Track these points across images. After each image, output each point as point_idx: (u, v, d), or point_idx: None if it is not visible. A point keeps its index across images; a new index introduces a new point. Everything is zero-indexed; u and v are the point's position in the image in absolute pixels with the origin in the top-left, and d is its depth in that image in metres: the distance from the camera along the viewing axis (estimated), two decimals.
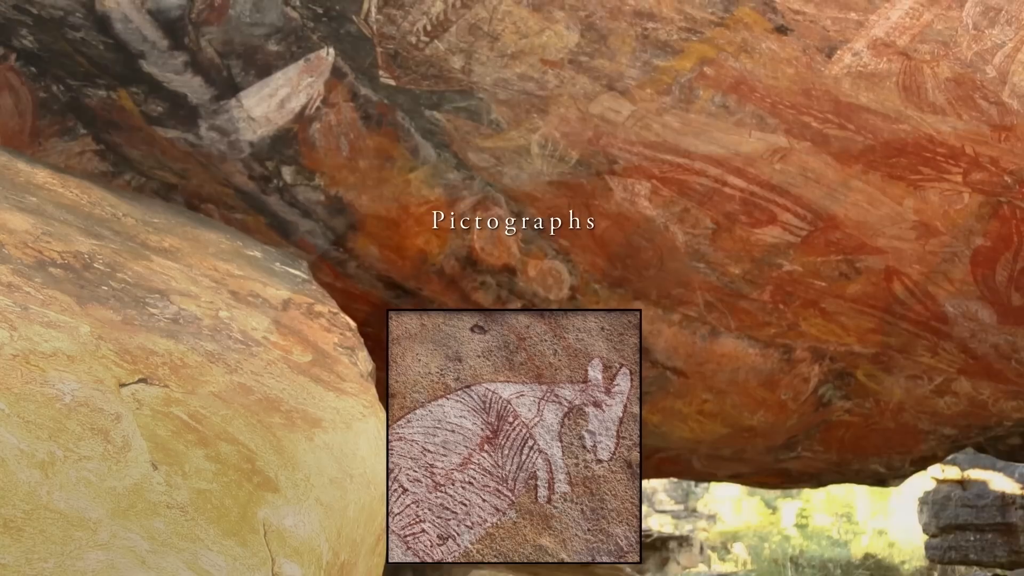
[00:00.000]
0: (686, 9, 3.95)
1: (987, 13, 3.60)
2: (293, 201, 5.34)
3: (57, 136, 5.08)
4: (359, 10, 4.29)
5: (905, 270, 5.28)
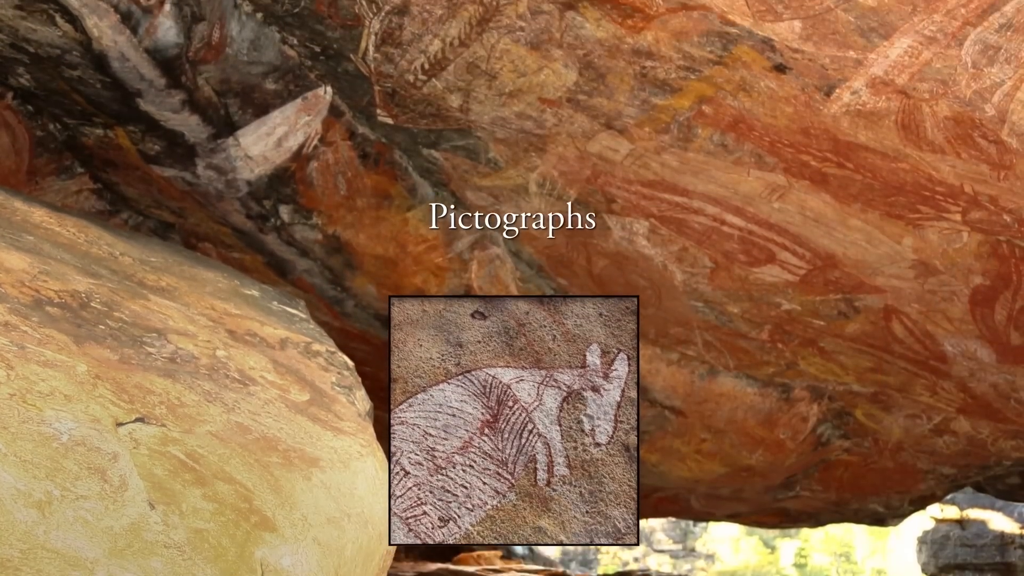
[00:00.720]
0: (684, 47, 3.94)
1: (986, 52, 3.57)
2: (291, 240, 5.31)
3: (54, 174, 5.08)
4: (357, 49, 4.28)
5: (904, 309, 5.24)
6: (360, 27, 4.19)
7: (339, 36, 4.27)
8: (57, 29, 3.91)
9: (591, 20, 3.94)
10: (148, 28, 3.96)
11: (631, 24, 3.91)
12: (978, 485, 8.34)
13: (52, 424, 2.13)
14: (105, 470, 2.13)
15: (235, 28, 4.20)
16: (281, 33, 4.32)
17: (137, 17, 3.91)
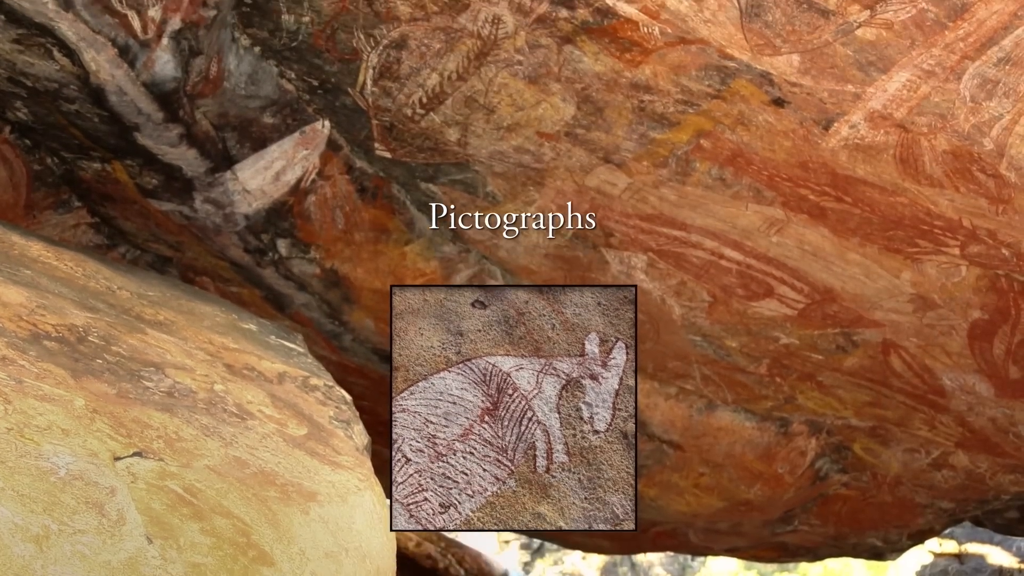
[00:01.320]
0: (683, 81, 3.94)
1: (984, 86, 3.57)
2: (288, 274, 5.28)
3: (52, 209, 5.05)
4: (355, 83, 4.27)
5: (902, 343, 5.21)
6: (358, 61, 4.18)
7: (337, 70, 4.26)
8: (55, 63, 3.89)
9: (589, 54, 3.95)
10: (146, 62, 3.94)
11: (629, 58, 3.91)
12: (977, 519, 8.26)
13: (50, 458, 2.12)
14: (103, 504, 2.10)
15: (233, 62, 4.19)
16: (279, 67, 4.31)
17: (135, 51, 3.88)
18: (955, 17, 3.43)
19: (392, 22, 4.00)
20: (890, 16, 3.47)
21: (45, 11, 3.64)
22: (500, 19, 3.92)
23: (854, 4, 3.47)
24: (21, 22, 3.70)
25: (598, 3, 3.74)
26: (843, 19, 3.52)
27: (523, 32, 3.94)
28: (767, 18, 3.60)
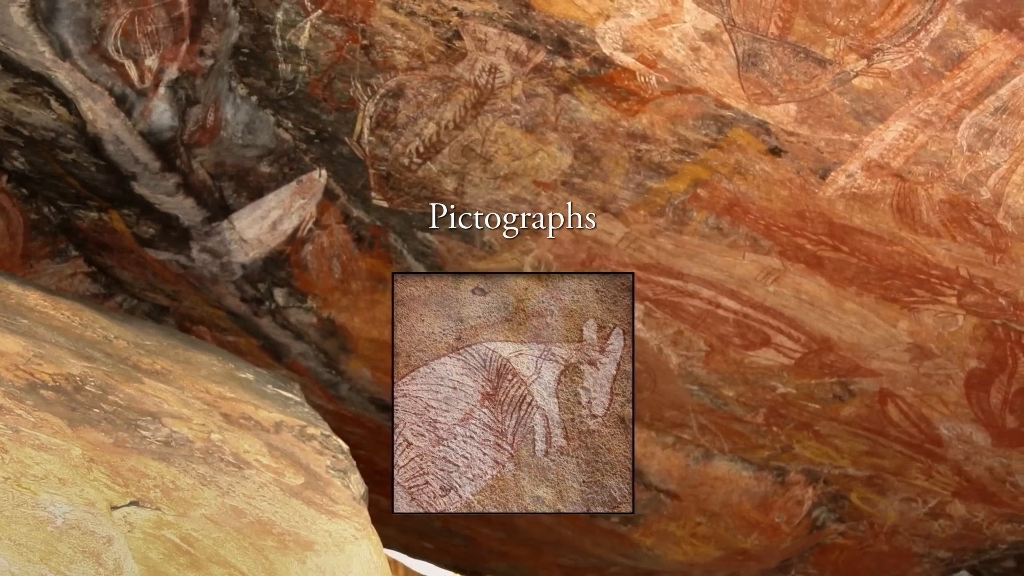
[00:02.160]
0: (680, 131, 3.91)
1: (981, 135, 3.54)
2: (285, 323, 5.21)
3: (48, 258, 5.01)
4: (352, 132, 4.25)
5: (899, 392, 5.15)
6: (355, 110, 4.17)
7: (334, 119, 4.24)
8: (52, 112, 3.88)
9: (586, 103, 3.93)
10: (143, 111, 3.92)
11: (626, 107, 3.89)
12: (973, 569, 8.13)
13: (47, 508, 2.11)
14: (100, 554, 2.10)
15: (230, 111, 4.17)
16: (276, 116, 4.30)
17: (132, 100, 3.87)
18: (952, 66, 3.40)
19: (389, 71, 3.99)
20: (887, 65, 3.44)
21: (42, 60, 3.63)
22: (497, 68, 3.90)
23: (851, 53, 3.44)
24: (18, 71, 3.69)
25: (595, 52, 3.72)
26: (840, 68, 3.50)
27: (520, 81, 3.93)
28: (764, 67, 3.57)
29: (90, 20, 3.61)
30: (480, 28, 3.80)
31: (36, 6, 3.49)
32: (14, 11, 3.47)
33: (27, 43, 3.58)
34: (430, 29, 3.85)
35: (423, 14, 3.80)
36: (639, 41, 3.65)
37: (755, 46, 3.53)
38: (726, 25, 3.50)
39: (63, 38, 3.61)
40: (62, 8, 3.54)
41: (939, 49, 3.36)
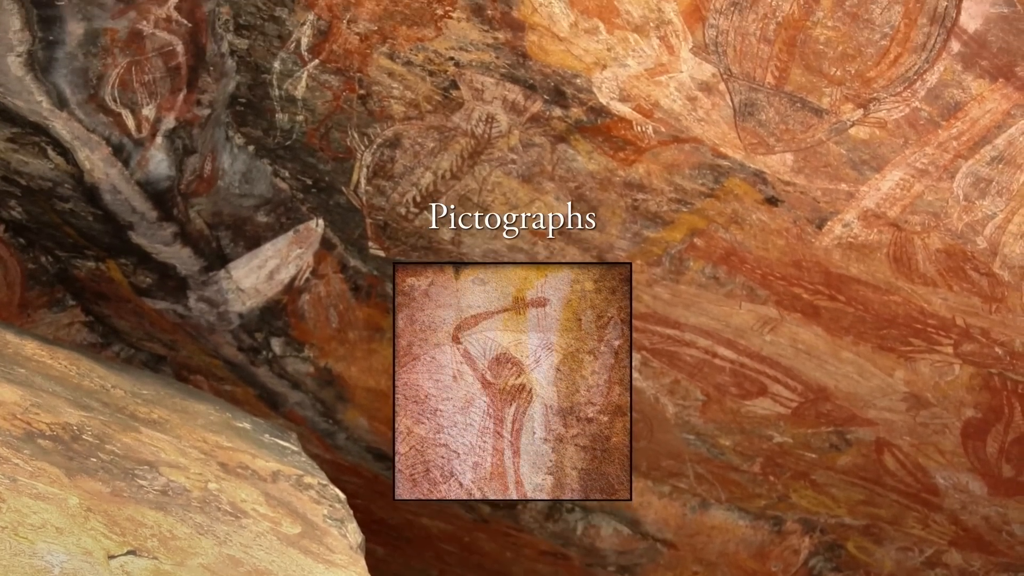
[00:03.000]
0: (676, 180, 3.88)
1: (977, 184, 3.49)
2: (282, 373, 5.19)
3: (46, 307, 5.00)
4: (348, 181, 4.24)
5: (896, 442, 5.10)
6: (352, 160, 4.16)
7: (331, 169, 4.23)
8: (49, 162, 3.86)
9: (583, 153, 3.90)
10: (140, 161, 3.90)
11: (623, 157, 3.86)
12: None
13: (44, 557, 2.08)
14: None
15: (227, 161, 4.16)
16: (273, 166, 4.28)
17: (129, 150, 3.85)
18: (948, 116, 3.35)
19: (386, 121, 3.98)
20: (883, 115, 3.40)
21: (39, 110, 3.62)
22: (494, 118, 3.88)
23: (847, 103, 3.40)
24: (16, 121, 3.68)
25: (592, 102, 3.70)
26: (836, 118, 3.45)
27: (517, 131, 3.91)
28: (760, 117, 3.54)
29: (87, 70, 3.60)
30: (477, 78, 3.79)
31: (33, 56, 3.48)
32: (11, 61, 3.46)
33: (24, 93, 3.57)
34: (427, 79, 3.84)
35: (420, 64, 3.79)
36: (636, 91, 3.62)
37: (752, 96, 3.50)
38: (723, 75, 3.47)
39: (60, 88, 3.60)
40: (59, 58, 3.53)
41: (935, 99, 3.31)
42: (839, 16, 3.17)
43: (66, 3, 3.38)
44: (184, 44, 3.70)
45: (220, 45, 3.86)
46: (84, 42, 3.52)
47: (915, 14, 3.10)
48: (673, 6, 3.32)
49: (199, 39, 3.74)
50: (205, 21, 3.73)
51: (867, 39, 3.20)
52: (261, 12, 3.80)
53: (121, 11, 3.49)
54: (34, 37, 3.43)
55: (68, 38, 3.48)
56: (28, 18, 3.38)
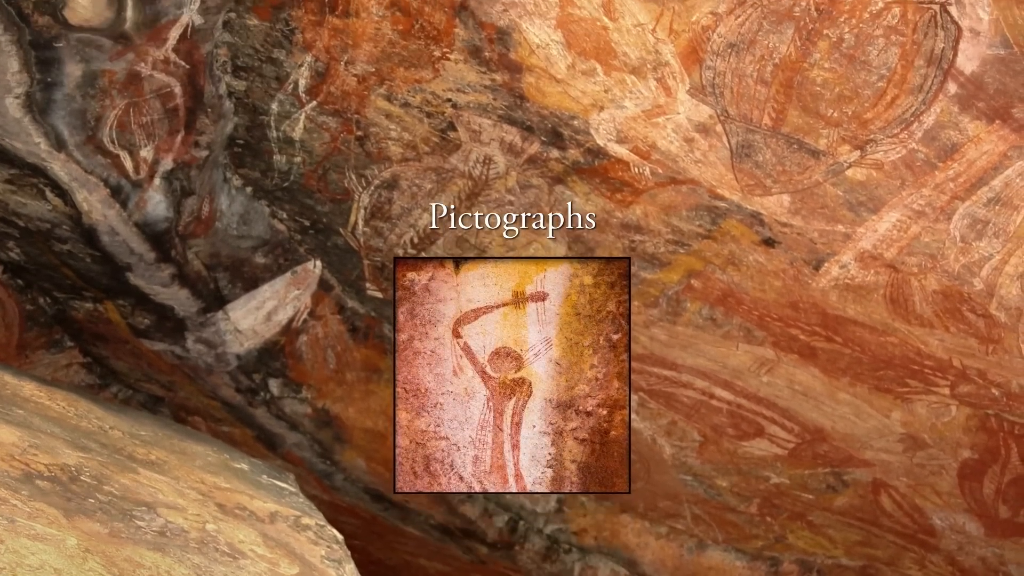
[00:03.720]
0: (673, 221, 3.86)
1: (974, 226, 3.46)
2: (280, 414, 5.14)
3: (44, 348, 4.98)
4: (346, 223, 4.23)
5: (892, 483, 5.05)
6: (349, 201, 4.15)
7: (328, 210, 4.22)
8: (47, 203, 3.84)
9: (580, 194, 3.88)
10: (138, 202, 3.88)
11: (620, 198, 3.84)
12: None
13: None
14: None
15: (225, 202, 4.15)
16: (271, 207, 4.28)
17: (127, 191, 3.83)
18: (945, 157, 3.31)
19: (383, 162, 3.96)
20: (880, 156, 3.37)
21: (38, 152, 3.59)
22: (491, 159, 3.87)
23: (844, 144, 3.37)
24: (14, 162, 3.65)
25: (589, 143, 3.68)
26: (833, 159, 3.42)
27: (514, 172, 3.90)
28: (758, 158, 3.51)
29: (85, 111, 3.58)
30: (474, 119, 3.78)
31: (32, 98, 3.46)
32: (9, 103, 3.43)
33: (23, 134, 3.55)
34: (424, 120, 3.83)
35: (417, 105, 3.78)
36: (633, 132, 3.60)
37: (749, 137, 3.48)
38: (720, 116, 3.44)
39: (59, 129, 3.58)
40: (57, 100, 3.51)
41: (932, 140, 3.28)
42: (836, 58, 3.15)
43: (64, 45, 3.36)
44: (182, 86, 3.69)
45: (218, 87, 3.85)
46: (82, 84, 3.50)
47: (912, 56, 3.07)
48: (670, 48, 3.31)
49: (197, 81, 3.73)
50: (203, 63, 3.72)
51: (864, 81, 3.17)
52: (259, 54, 3.81)
53: (119, 53, 3.46)
54: (32, 79, 3.41)
55: (66, 80, 3.47)
56: (26, 60, 3.36)
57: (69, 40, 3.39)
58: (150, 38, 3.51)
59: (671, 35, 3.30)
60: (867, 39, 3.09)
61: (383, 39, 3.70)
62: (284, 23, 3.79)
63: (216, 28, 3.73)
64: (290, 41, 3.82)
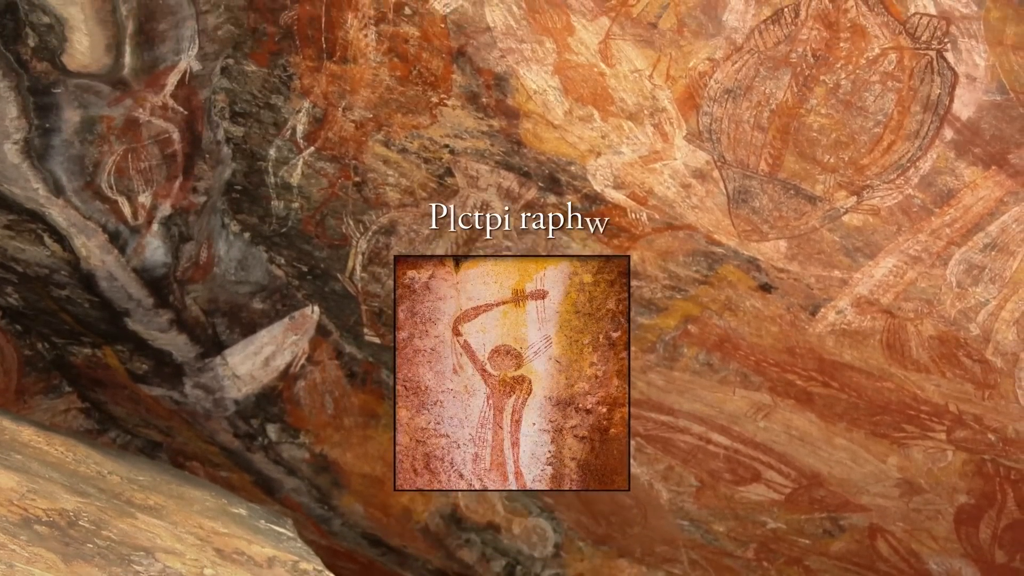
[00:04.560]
0: (670, 267, 3.81)
1: (971, 271, 3.41)
2: (278, 459, 5.10)
3: (42, 394, 4.93)
4: (344, 268, 4.20)
5: (889, 528, 4.97)
6: (347, 247, 4.12)
7: (326, 256, 4.19)
8: (45, 249, 3.81)
9: (577, 240, 3.84)
10: (136, 248, 3.85)
11: (617, 244, 3.80)
12: None
13: None
14: None
15: (223, 248, 4.13)
16: (268, 253, 4.26)
17: (125, 237, 3.81)
18: (941, 203, 3.27)
19: (381, 208, 3.94)
20: (877, 202, 3.33)
21: (36, 197, 3.57)
22: (489, 205, 3.84)
23: (841, 190, 3.33)
24: (12, 208, 3.63)
25: (586, 189, 3.65)
26: (830, 205, 3.38)
27: (512, 218, 3.86)
28: (754, 204, 3.47)
29: (84, 157, 3.56)
30: (472, 165, 3.75)
31: (30, 143, 3.43)
32: (8, 148, 3.41)
33: (21, 180, 3.52)
34: (422, 166, 3.81)
35: (415, 151, 3.76)
36: (630, 178, 3.57)
37: (745, 183, 3.44)
38: (717, 162, 3.40)
39: (57, 175, 3.55)
40: (56, 145, 3.48)
41: (929, 186, 3.24)
42: (833, 104, 3.12)
43: (62, 91, 3.34)
44: (180, 131, 3.68)
45: (216, 132, 3.83)
46: (80, 129, 3.48)
47: (908, 102, 3.04)
48: (667, 93, 3.28)
49: (195, 127, 3.72)
50: (201, 109, 3.71)
51: (861, 126, 3.14)
52: (257, 100, 3.81)
53: (117, 99, 3.45)
54: (31, 124, 3.39)
55: (64, 125, 3.45)
56: (24, 105, 3.34)
57: (67, 86, 3.37)
58: (148, 84, 3.50)
59: (668, 81, 3.28)
60: (864, 85, 3.06)
61: (381, 85, 3.70)
62: (282, 69, 3.79)
63: (214, 74, 3.73)
64: (288, 87, 3.83)
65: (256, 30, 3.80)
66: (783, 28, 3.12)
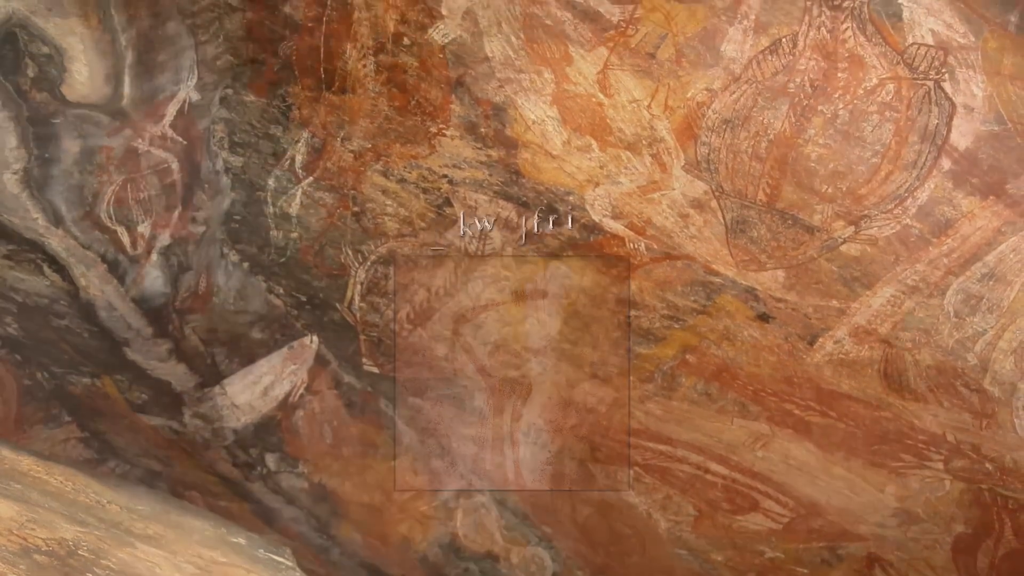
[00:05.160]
0: (668, 297, 3.78)
1: (968, 301, 3.38)
2: (277, 488, 5.05)
3: (42, 423, 4.85)
4: (343, 298, 4.18)
5: (887, 557, 4.92)
6: (346, 277, 4.11)
7: (325, 286, 4.17)
8: (45, 279, 3.79)
9: (575, 270, 3.81)
10: (135, 277, 3.84)
11: (615, 273, 3.76)
12: None
13: None
14: None
15: (222, 278, 4.12)
16: (267, 283, 4.24)
17: (124, 267, 3.79)
18: (939, 233, 3.25)
19: (380, 238, 3.93)
20: (875, 232, 3.31)
21: (35, 227, 3.55)
22: (487, 235, 3.82)
23: (839, 220, 3.31)
24: (11, 238, 3.61)
25: (584, 219, 3.63)
26: (828, 235, 3.37)
27: (510, 248, 3.84)
28: (752, 234, 3.45)
29: (83, 187, 3.54)
30: (470, 195, 3.74)
31: (29, 173, 3.41)
32: (7, 178, 3.39)
33: (20, 210, 3.50)
34: (421, 196, 3.80)
35: (414, 181, 3.75)
36: (628, 208, 3.55)
37: (743, 213, 3.42)
38: (715, 192, 3.39)
39: (56, 205, 3.54)
40: (55, 175, 3.46)
41: (926, 216, 3.22)
42: (830, 134, 3.10)
43: (62, 121, 3.33)
44: (179, 162, 3.67)
45: (215, 163, 3.83)
46: (80, 160, 3.46)
47: (906, 132, 3.02)
48: (665, 124, 3.27)
49: (194, 157, 3.71)
50: (200, 139, 3.70)
51: (858, 157, 3.12)
52: (255, 130, 3.80)
53: (117, 129, 3.44)
54: (30, 154, 3.37)
55: (64, 156, 3.43)
56: (24, 135, 3.33)
57: (67, 116, 3.36)
58: (147, 114, 3.49)
59: (666, 111, 3.27)
60: (861, 115, 3.05)
61: (379, 115, 3.70)
62: (281, 99, 3.79)
63: (213, 104, 3.73)
64: (287, 117, 3.83)
65: (255, 60, 3.80)
66: (781, 58, 3.12)
